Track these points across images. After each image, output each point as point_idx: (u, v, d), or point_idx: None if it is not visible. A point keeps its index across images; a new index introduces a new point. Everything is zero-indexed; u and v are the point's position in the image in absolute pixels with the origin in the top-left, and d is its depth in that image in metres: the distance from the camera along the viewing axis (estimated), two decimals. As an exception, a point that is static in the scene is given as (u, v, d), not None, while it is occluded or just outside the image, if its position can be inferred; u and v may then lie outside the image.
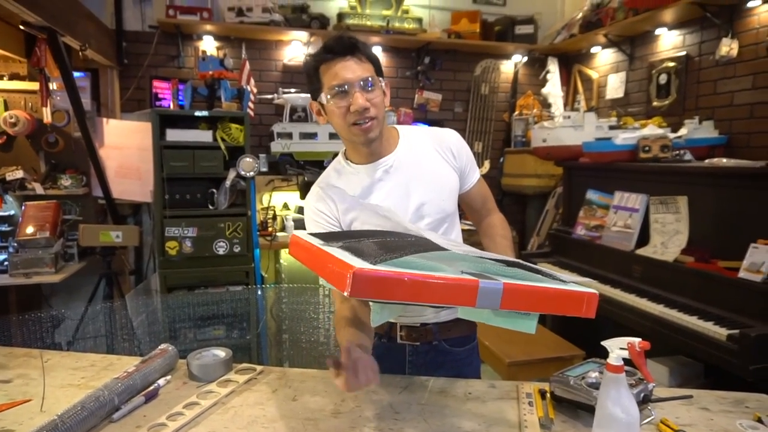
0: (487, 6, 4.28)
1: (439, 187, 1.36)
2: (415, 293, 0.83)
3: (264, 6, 3.57)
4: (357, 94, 1.23)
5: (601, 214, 2.93)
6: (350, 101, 1.24)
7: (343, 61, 1.24)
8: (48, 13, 2.44)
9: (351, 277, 0.78)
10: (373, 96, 1.25)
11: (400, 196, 1.33)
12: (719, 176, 2.33)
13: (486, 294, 0.85)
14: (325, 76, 1.26)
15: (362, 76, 1.24)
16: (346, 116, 1.25)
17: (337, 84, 1.23)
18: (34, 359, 1.37)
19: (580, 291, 0.92)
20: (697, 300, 2.21)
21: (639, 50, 3.57)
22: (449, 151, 1.39)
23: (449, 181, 1.38)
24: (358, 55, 1.24)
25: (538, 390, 1.18)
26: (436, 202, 1.35)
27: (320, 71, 1.26)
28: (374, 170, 1.34)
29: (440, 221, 1.36)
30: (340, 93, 1.24)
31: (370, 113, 1.25)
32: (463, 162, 1.41)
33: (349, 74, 1.23)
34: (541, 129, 3.36)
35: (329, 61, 1.25)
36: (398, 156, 1.36)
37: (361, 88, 1.23)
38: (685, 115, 3.11)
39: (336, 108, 1.26)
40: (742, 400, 1.16)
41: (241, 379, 1.25)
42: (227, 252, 3.07)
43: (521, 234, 4.29)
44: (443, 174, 1.37)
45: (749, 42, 2.73)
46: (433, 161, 1.37)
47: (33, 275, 2.85)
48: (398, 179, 1.34)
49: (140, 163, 3.44)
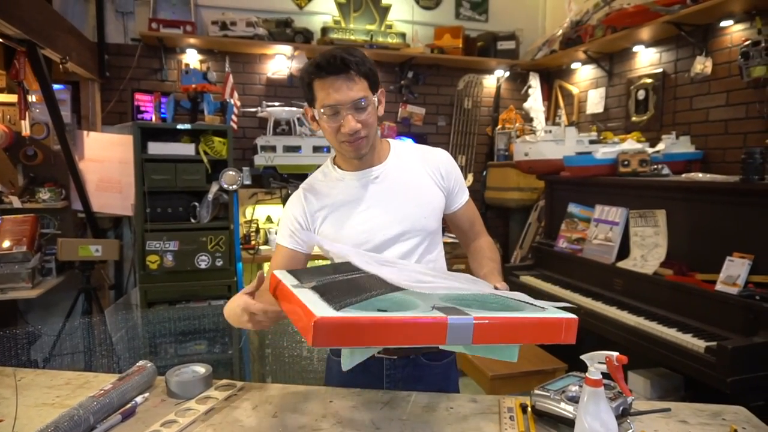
0: (470, 22, 4.34)
1: (423, 204, 1.37)
2: (381, 337, 0.81)
3: (248, 20, 3.58)
4: (348, 117, 1.23)
5: (583, 227, 2.97)
6: (341, 122, 1.24)
7: (336, 81, 1.22)
8: (27, 26, 2.41)
9: (313, 326, 0.76)
10: (365, 116, 1.26)
11: (382, 208, 1.35)
12: (696, 191, 2.37)
13: (456, 330, 0.83)
14: (318, 93, 1.26)
15: (354, 97, 1.23)
16: (337, 134, 1.27)
17: (329, 105, 1.24)
18: (6, 378, 1.34)
19: (557, 318, 0.90)
20: (676, 312, 2.24)
21: (617, 67, 3.65)
22: (438, 171, 1.41)
23: (434, 200, 1.39)
24: (350, 73, 1.23)
25: (520, 404, 1.19)
26: (417, 218, 1.35)
27: (314, 86, 1.26)
28: (360, 178, 1.37)
29: (421, 238, 1.37)
30: (331, 114, 1.25)
31: (360, 134, 1.27)
32: (451, 183, 1.43)
33: (341, 96, 1.22)
34: (523, 143, 3.41)
35: (322, 79, 1.24)
36: (386, 168, 1.38)
37: (352, 109, 1.24)
38: (662, 130, 3.17)
39: (327, 126, 1.27)
40: (720, 413, 1.17)
41: (220, 396, 1.23)
42: (209, 266, 3.04)
43: (504, 247, 4.31)
44: (428, 192, 1.39)
45: (723, 60, 2.81)
46: (420, 178, 1.39)
47: (9, 291, 2.78)
48: (383, 190, 1.36)
49: (121, 177, 3.40)
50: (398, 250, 1.35)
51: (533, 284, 3.04)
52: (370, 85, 1.28)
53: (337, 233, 1.36)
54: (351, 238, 1.35)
